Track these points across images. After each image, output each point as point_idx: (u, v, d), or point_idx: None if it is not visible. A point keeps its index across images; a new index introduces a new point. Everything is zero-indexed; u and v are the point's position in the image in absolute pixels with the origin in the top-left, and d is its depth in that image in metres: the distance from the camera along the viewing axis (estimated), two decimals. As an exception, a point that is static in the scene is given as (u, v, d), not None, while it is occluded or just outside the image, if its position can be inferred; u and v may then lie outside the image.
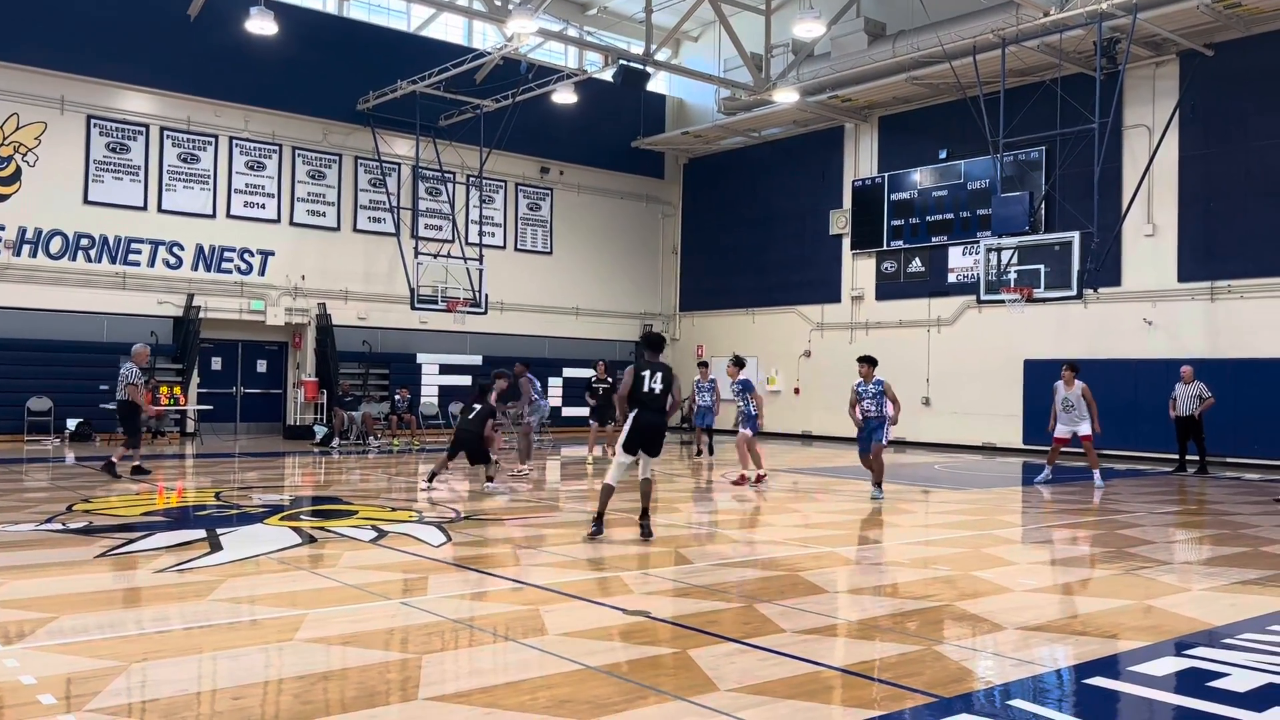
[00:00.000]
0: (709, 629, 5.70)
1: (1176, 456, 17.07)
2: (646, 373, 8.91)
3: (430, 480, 12.97)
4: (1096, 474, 14.36)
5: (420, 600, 6.42)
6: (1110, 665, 5.18)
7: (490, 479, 12.80)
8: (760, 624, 5.86)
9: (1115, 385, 19.26)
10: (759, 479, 13.90)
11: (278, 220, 23.15)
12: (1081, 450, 14.82)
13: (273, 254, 23.02)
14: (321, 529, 9.30)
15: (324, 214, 23.82)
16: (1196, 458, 16.85)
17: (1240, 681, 4.84)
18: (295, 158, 23.42)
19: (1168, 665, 5.18)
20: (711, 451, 18.49)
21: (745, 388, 14.22)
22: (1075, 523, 10.85)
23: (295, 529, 9.25)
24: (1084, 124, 17.75)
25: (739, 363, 14.77)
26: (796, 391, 25.81)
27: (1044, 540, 9.80)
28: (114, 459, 13.49)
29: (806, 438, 25.04)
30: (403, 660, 5.06)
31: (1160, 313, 19.50)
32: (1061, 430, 14.50)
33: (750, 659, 5.12)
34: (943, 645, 5.50)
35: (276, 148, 23.13)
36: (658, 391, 8.89)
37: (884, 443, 12.42)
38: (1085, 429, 14.27)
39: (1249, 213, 18.52)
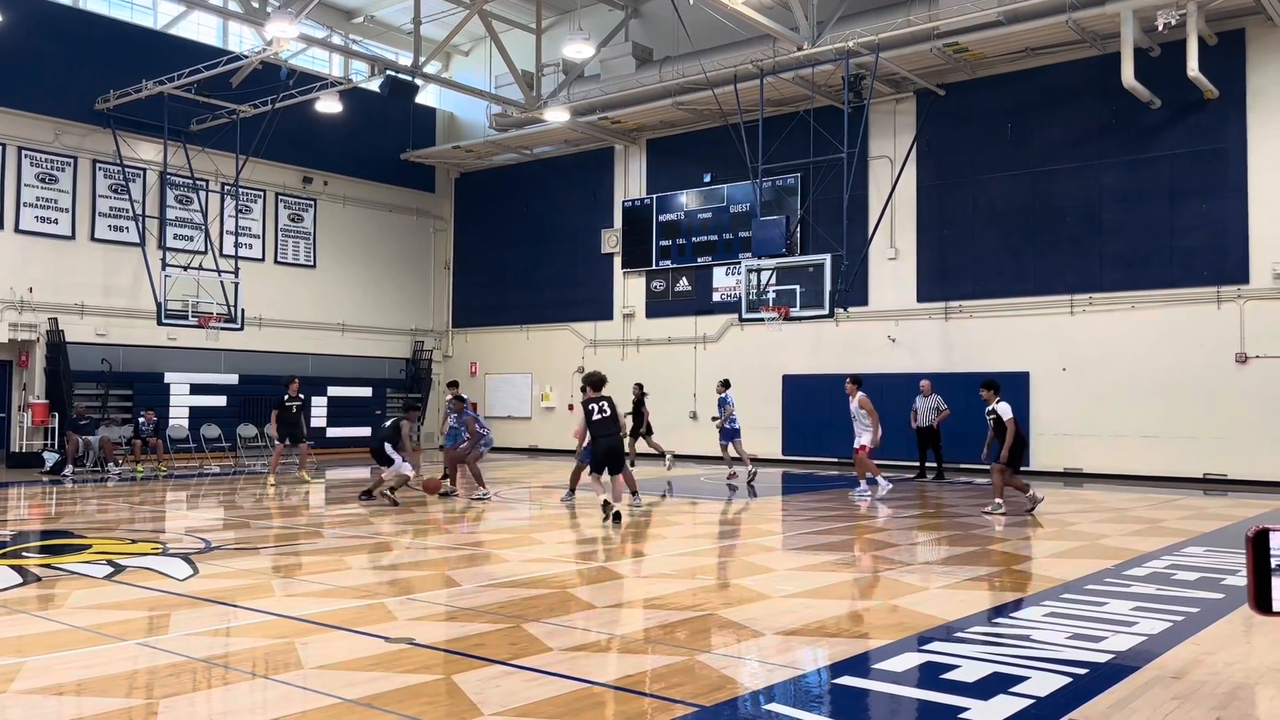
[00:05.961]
0: (475, 652, 5.59)
1: (917, 464, 18.41)
2: None
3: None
4: (862, 484, 14.79)
5: (162, 639, 5.93)
6: (859, 664, 5.49)
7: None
8: (528, 644, 5.80)
9: (864, 398, 20.76)
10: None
11: (0, 227, 20.98)
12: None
13: (-7, 263, 20.83)
14: (47, 566, 8.45)
15: (56, 221, 21.78)
16: (935, 465, 18.23)
17: (970, 672, 5.24)
18: (21, 159, 21.29)
19: (909, 660, 5.54)
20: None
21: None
22: (828, 529, 11.47)
23: (16, 567, 8.36)
24: (834, 153, 18.92)
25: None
26: (571, 408, 25.94)
27: (800, 547, 10.29)
28: None
29: (579, 454, 25.21)
30: (146, 705, 4.66)
31: (902, 330, 21.03)
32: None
33: (517, 680, 5.06)
34: (708, 654, 5.64)
35: (-1, 147, 21.00)
36: None
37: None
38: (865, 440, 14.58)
39: (975, 239, 20.33)
